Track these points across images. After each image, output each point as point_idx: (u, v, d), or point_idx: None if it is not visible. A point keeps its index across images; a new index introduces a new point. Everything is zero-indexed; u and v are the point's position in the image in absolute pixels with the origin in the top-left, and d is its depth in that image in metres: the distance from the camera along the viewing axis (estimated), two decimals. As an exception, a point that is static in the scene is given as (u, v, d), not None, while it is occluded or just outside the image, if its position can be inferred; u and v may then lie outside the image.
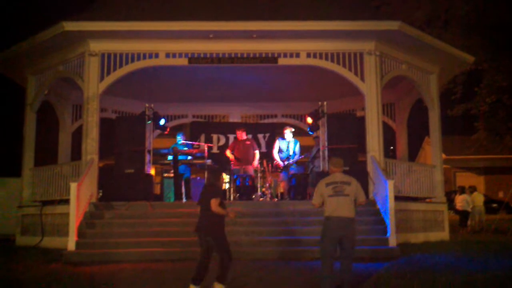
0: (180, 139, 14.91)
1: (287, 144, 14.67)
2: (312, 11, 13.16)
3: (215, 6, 13.18)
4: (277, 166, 14.83)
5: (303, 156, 14.79)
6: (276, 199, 14.76)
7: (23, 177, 14.47)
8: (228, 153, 14.72)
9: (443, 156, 16.59)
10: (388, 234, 11.08)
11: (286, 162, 14.46)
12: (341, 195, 7.32)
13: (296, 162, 14.68)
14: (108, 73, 13.08)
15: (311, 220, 11.55)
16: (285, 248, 10.77)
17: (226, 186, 14.40)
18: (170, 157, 13.93)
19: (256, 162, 14.47)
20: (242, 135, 14.82)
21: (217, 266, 7.48)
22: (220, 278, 7.40)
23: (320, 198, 7.43)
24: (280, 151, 14.69)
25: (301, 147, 15.03)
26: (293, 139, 14.80)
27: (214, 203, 7.44)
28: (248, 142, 14.71)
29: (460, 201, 19.08)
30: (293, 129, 15.21)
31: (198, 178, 15.57)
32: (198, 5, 13.21)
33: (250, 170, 14.39)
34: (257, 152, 14.64)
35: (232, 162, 14.47)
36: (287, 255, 10.38)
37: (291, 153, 14.59)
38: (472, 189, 19.89)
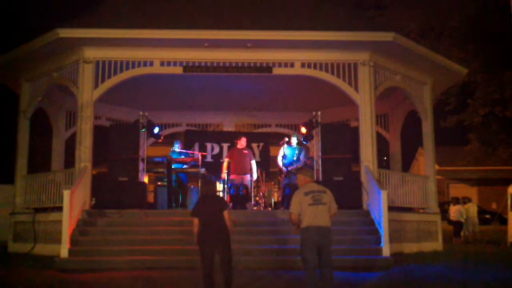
0: (176, 147, 14.87)
1: (291, 151, 14.57)
2: (307, 21, 13.21)
3: (212, 15, 13.21)
4: (280, 172, 14.78)
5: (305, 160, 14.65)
6: (269, 208, 14.73)
7: (16, 184, 14.37)
8: (225, 164, 14.42)
9: (436, 167, 16.64)
10: (381, 244, 11.08)
11: (289, 168, 14.37)
12: (320, 204, 7.34)
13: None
14: (103, 80, 13.06)
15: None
16: (278, 257, 10.75)
17: (220, 195, 14.31)
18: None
19: (254, 173, 14.40)
20: (244, 143, 14.62)
21: (223, 277, 7.65)
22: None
23: (298, 208, 7.39)
24: (284, 157, 14.60)
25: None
26: (298, 146, 14.70)
27: (228, 215, 7.71)
28: (245, 152, 14.55)
29: (454, 211, 19.13)
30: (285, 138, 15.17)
31: (192, 186, 15.53)
32: (194, 14, 13.25)
33: (247, 180, 14.31)
34: (253, 162, 14.55)
35: (227, 172, 14.29)
36: (279, 264, 10.35)
37: (294, 158, 14.50)
38: (466, 200, 19.95)
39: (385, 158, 21.00)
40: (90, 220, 12.02)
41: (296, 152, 14.44)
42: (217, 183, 14.15)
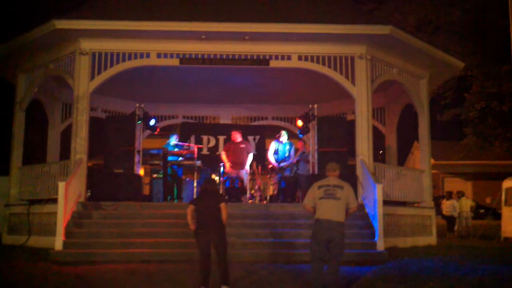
0: (173, 140, 14.85)
1: (283, 147, 14.63)
2: (304, 14, 13.18)
3: (209, 7, 13.16)
4: (272, 168, 14.81)
5: (296, 159, 14.71)
6: (265, 202, 14.74)
7: (11, 176, 14.35)
8: (224, 157, 14.47)
9: (432, 161, 16.67)
10: (376, 238, 11.11)
11: (282, 164, 14.42)
12: (331, 198, 7.35)
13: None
14: (99, 72, 13.02)
15: (300, 223, 11.56)
16: (274, 250, 10.75)
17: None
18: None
19: (247, 165, 14.39)
20: (237, 137, 14.66)
21: (219, 269, 7.72)
22: (226, 280, 7.69)
23: (312, 201, 7.49)
24: (275, 152, 14.63)
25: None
26: (288, 141, 14.75)
27: (225, 207, 7.85)
28: (242, 146, 14.53)
29: (447, 206, 19.17)
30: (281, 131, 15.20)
31: (188, 179, 15.53)
32: (191, 6, 13.20)
33: (242, 174, 14.29)
34: (250, 155, 14.53)
35: (230, 165, 14.29)
36: (276, 258, 10.38)
37: (286, 154, 14.56)
38: (460, 194, 19.98)
39: (381, 152, 21.02)
40: (85, 212, 12.01)
41: (287, 147, 14.52)
42: (215, 176, 14.15)
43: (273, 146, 14.79)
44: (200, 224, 7.85)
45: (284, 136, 14.71)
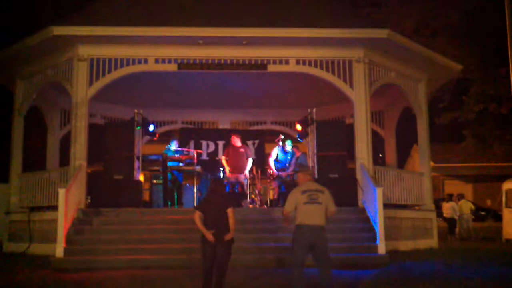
0: (173, 145, 14.83)
1: (285, 156, 14.59)
2: (302, 18, 13.19)
3: (207, 12, 13.18)
4: (271, 174, 14.77)
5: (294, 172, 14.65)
6: (265, 206, 14.72)
7: (11, 183, 14.32)
8: (224, 162, 14.44)
9: (432, 164, 16.67)
10: (377, 242, 11.09)
11: (280, 173, 14.39)
12: (315, 203, 7.32)
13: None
14: (97, 78, 13.00)
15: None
16: (275, 255, 10.70)
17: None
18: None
19: (247, 170, 14.36)
20: (236, 141, 14.60)
21: (216, 277, 7.39)
22: None
23: (293, 206, 7.40)
24: (277, 160, 14.61)
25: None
26: (291, 150, 14.71)
27: (232, 213, 7.50)
28: (242, 150, 14.48)
29: (447, 208, 19.17)
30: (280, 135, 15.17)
31: (187, 184, 15.52)
32: (189, 11, 13.21)
33: (242, 178, 14.28)
34: (250, 160, 14.51)
35: (229, 170, 14.30)
36: (276, 262, 10.34)
37: (287, 164, 14.54)
38: (460, 196, 19.97)
39: (380, 155, 21.03)
40: (85, 219, 11.99)
41: (289, 158, 14.49)
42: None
43: (275, 153, 14.74)
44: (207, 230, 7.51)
45: (288, 146, 14.66)
